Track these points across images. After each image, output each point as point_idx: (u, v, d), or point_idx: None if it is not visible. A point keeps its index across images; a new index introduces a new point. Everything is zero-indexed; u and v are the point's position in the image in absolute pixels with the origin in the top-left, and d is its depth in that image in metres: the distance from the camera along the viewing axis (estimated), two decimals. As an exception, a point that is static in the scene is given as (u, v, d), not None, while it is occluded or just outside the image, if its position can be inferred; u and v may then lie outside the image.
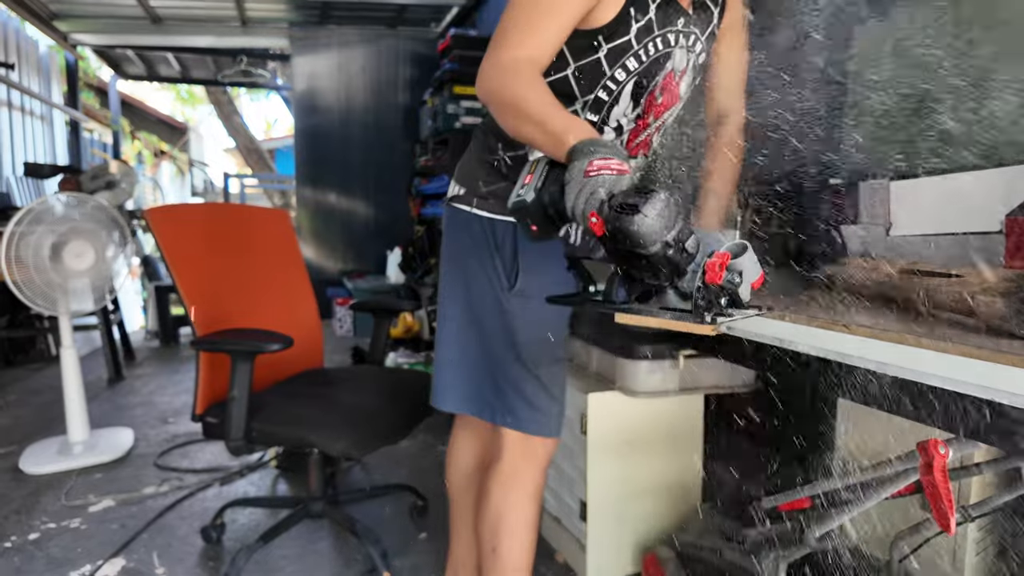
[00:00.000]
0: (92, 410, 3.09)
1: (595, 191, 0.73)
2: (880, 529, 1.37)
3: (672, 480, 1.70)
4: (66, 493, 2.19)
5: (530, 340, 1.12)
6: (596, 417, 1.60)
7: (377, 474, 2.37)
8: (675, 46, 1.04)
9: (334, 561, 1.78)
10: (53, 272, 2.33)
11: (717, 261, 0.70)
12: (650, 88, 1.05)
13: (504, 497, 1.15)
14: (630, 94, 1.04)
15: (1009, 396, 0.57)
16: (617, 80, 1.02)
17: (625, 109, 1.06)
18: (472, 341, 1.18)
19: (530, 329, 1.12)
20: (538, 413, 1.13)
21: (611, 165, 0.75)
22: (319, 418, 1.54)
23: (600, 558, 1.64)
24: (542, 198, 0.81)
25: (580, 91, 1.03)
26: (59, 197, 2.40)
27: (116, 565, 1.75)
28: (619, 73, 1.01)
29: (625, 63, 1.01)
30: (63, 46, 5.11)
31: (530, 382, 1.12)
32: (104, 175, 3.51)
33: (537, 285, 1.10)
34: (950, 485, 0.79)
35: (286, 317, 1.93)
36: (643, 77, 1.03)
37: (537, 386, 1.12)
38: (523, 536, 1.16)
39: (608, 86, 1.02)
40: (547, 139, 0.84)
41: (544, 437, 1.15)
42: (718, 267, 0.70)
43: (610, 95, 1.03)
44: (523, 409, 1.13)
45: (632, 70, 1.01)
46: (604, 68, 1.00)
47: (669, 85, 1.08)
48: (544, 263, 1.11)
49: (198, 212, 1.83)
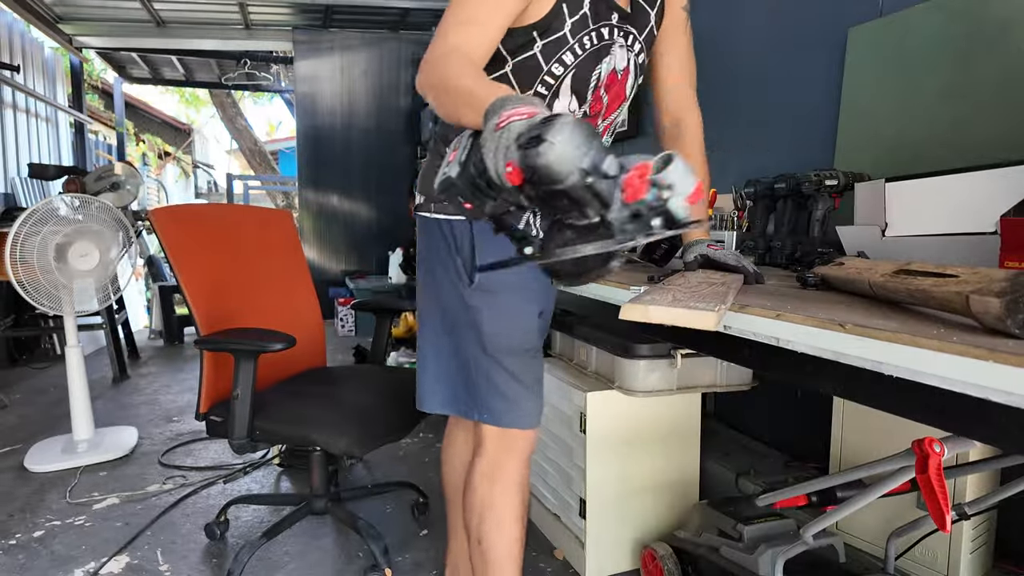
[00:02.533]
0: (97, 409, 3.12)
1: (508, 142, 0.67)
2: (876, 526, 1.38)
3: (670, 477, 1.71)
4: (70, 491, 2.20)
5: (496, 332, 1.12)
6: (595, 416, 1.62)
7: (379, 472, 2.39)
8: (611, 41, 1.05)
9: (337, 557, 1.79)
10: (58, 272, 2.34)
11: (635, 174, 0.64)
12: (593, 85, 1.06)
13: (489, 490, 1.16)
14: (570, 89, 1.05)
15: (1004, 395, 0.59)
16: (554, 75, 1.03)
17: (567, 104, 1.07)
18: (445, 342, 1.19)
19: (495, 321, 1.12)
20: (512, 405, 1.13)
21: (520, 110, 0.70)
22: (321, 417, 1.56)
23: (599, 554, 1.65)
24: (467, 169, 0.74)
25: (519, 87, 1.05)
26: (64, 198, 2.42)
27: (120, 562, 1.77)
28: (556, 68, 1.03)
29: (561, 57, 1.02)
30: (68, 49, 5.14)
31: (500, 374, 1.13)
32: (108, 176, 3.54)
33: (496, 277, 1.11)
34: (946, 483, 0.80)
35: (289, 316, 1.95)
36: (581, 71, 1.04)
37: (508, 378, 1.13)
38: (509, 528, 1.16)
39: (546, 81, 1.04)
40: (476, 114, 0.79)
41: (522, 429, 1.16)
42: (637, 180, 0.64)
43: (549, 90, 1.05)
44: (497, 403, 1.13)
45: (569, 64, 1.03)
46: (541, 63, 1.02)
47: (614, 84, 1.09)
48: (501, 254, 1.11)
49: (202, 212, 1.84)
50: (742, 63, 2.07)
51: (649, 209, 0.65)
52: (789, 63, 1.89)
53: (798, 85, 1.86)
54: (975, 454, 1.17)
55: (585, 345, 1.83)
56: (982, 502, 1.15)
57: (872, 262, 1.01)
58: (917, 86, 1.47)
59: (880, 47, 1.57)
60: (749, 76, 2.05)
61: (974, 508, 1.14)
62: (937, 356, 0.63)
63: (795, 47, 1.87)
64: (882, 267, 0.89)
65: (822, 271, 1.06)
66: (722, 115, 2.13)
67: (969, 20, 1.36)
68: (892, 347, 0.68)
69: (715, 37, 2.18)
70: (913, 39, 1.48)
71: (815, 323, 0.77)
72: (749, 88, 2.05)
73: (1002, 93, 1.30)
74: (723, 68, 2.15)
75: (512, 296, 1.13)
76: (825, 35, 1.75)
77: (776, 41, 1.94)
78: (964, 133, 1.36)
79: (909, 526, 1.19)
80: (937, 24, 1.43)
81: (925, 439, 0.82)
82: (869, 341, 0.70)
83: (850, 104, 1.65)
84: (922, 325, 0.71)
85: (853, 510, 1.03)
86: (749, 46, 2.04)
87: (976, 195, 1.04)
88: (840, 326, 0.74)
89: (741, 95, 2.08)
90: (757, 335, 0.87)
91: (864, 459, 1.39)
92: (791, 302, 0.91)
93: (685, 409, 1.72)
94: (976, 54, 1.35)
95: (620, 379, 1.64)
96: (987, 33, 1.33)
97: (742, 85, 2.08)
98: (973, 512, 1.14)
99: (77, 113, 5.36)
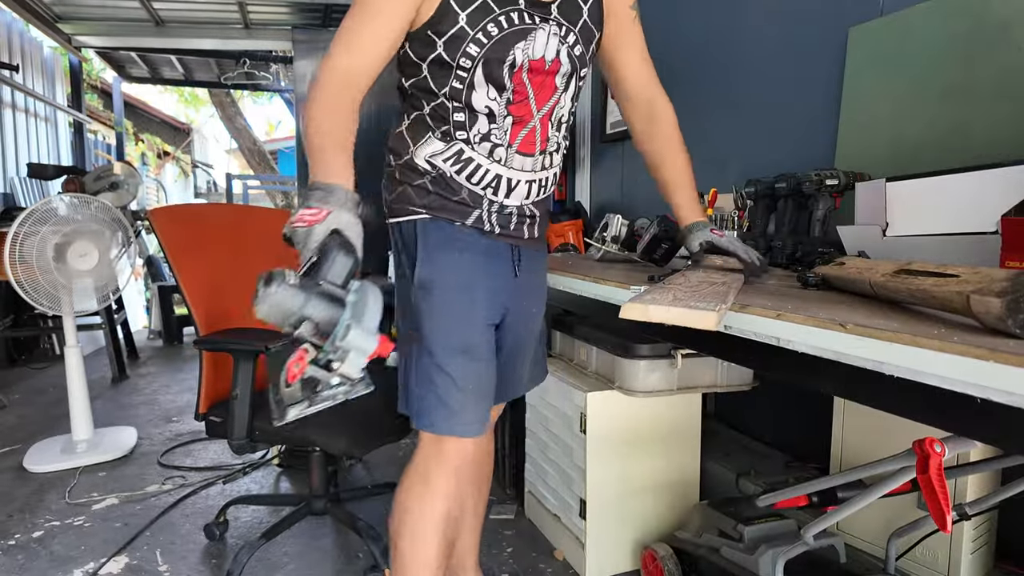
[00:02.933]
0: (96, 409, 3.11)
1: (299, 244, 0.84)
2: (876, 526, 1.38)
3: (670, 478, 1.71)
4: (69, 491, 2.20)
5: (433, 330, 1.09)
6: (595, 416, 1.62)
7: (378, 472, 2.39)
8: (529, 25, 1.03)
9: (336, 558, 1.79)
10: (57, 272, 2.34)
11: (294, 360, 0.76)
12: (508, 72, 1.04)
13: (408, 493, 1.14)
14: (483, 77, 1.03)
15: (1006, 395, 0.58)
16: (464, 67, 1.03)
17: (486, 94, 1.05)
18: (401, 345, 1.16)
19: (434, 320, 1.09)
20: (447, 411, 1.08)
21: (304, 216, 0.84)
22: (322, 417, 1.55)
23: (599, 555, 1.65)
24: None
25: (436, 85, 1.06)
26: (63, 198, 2.42)
27: (120, 562, 1.76)
28: (463, 60, 1.02)
29: (466, 50, 1.02)
30: (67, 48, 5.13)
31: (438, 376, 1.08)
32: (108, 176, 3.53)
33: (437, 274, 1.10)
34: (947, 484, 0.80)
35: (288, 317, 1.95)
36: (491, 58, 1.02)
37: (447, 382, 1.08)
38: (427, 535, 1.12)
39: (458, 75, 1.04)
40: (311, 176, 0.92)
41: (456, 437, 1.11)
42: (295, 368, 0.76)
43: (462, 82, 1.04)
44: (432, 406, 1.09)
45: (475, 55, 1.02)
46: (447, 59, 1.02)
47: (539, 72, 1.07)
48: (443, 251, 1.11)
49: (201, 212, 1.84)
50: (742, 63, 2.07)
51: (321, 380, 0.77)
52: (789, 63, 1.89)
53: (798, 85, 1.86)
54: (976, 454, 1.17)
55: (585, 345, 1.83)
56: (983, 502, 1.15)
57: (873, 262, 1.01)
58: (918, 86, 1.47)
59: (881, 47, 1.57)
60: (749, 76, 2.05)
61: (975, 508, 1.14)
62: (938, 356, 0.63)
63: (795, 47, 1.86)
64: (883, 267, 0.89)
65: (823, 271, 1.06)
66: (722, 115, 2.13)
67: (970, 20, 1.36)
68: (893, 347, 0.68)
69: (715, 37, 2.18)
70: (914, 39, 1.48)
71: (816, 323, 0.77)
72: (749, 88, 2.05)
73: (1003, 92, 1.29)
74: (723, 68, 2.14)
75: (449, 295, 1.10)
76: (825, 35, 1.74)
77: (776, 41, 1.94)
78: (965, 133, 1.36)
79: (910, 526, 1.19)
80: (938, 24, 1.43)
81: (926, 439, 0.82)
82: (870, 341, 0.70)
83: (850, 104, 1.65)
84: (923, 325, 0.71)
85: (854, 510, 1.02)
86: (749, 46, 2.04)
87: (977, 195, 1.04)
88: (841, 326, 0.73)
89: (741, 95, 2.08)
90: (758, 335, 0.87)
91: (864, 459, 1.39)
92: (792, 302, 0.90)
93: (685, 409, 1.72)
94: (977, 54, 1.35)
95: (620, 379, 1.64)
96: (988, 33, 1.33)
97: (742, 85, 2.08)
98: (974, 512, 1.14)
99: (76, 113, 5.35)
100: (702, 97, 2.20)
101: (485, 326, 1.14)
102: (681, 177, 1.25)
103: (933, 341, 0.63)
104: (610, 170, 2.95)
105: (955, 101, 1.38)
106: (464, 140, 1.09)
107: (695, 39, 2.27)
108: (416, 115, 1.11)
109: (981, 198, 1.03)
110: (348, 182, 0.92)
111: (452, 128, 1.08)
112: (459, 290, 1.11)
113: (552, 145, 1.16)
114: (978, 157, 1.28)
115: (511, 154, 1.10)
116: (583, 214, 2.73)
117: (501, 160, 1.10)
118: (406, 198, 1.13)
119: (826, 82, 1.74)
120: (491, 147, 1.09)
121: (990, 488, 1.24)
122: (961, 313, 0.68)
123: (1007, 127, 1.28)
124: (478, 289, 1.13)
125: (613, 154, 2.92)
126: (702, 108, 2.18)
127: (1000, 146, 1.27)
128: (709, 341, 0.97)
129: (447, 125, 1.09)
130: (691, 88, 2.20)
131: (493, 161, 1.10)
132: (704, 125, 2.16)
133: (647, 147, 1.28)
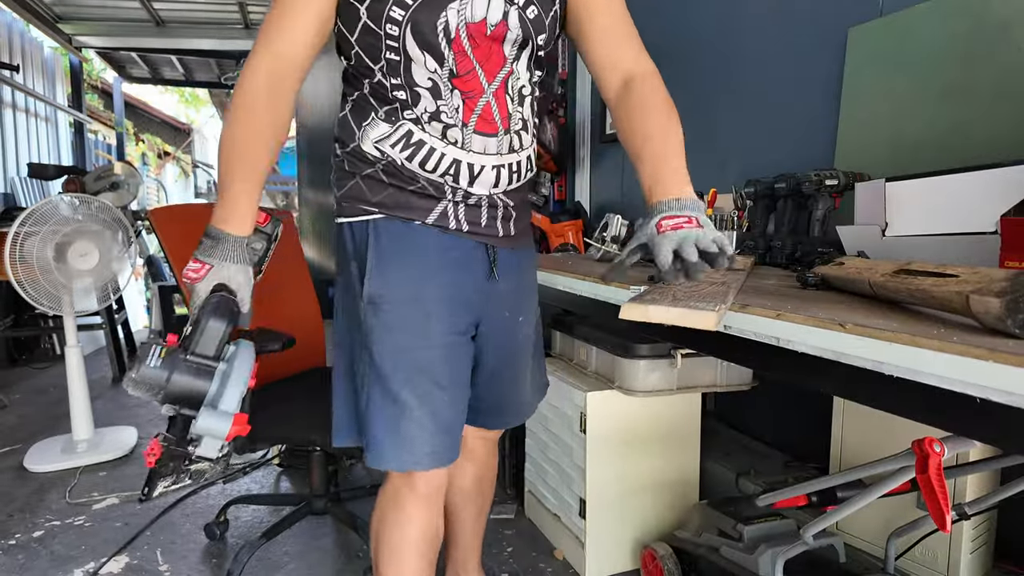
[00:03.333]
0: (96, 408, 3.11)
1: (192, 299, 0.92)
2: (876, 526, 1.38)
3: (670, 477, 1.71)
4: (70, 491, 2.20)
5: (385, 352, 0.97)
6: (595, 416, 1.62)
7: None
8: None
9: (336, 558, 1.79)
10: (57, 272, 2.34)
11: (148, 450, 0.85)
12: (444, 39, 0.92)
13: (382, 522, 1.08)
14: (416, 45, 0.92)
15: (1005, 395, 0.59)
16: (391, 35, 0.92)
17: (426, 65, 0.93)
18: (340, 363, 1.06)
19: (384, 340, 0.97)
20: (401, 442, 0.97)
21: (187, 273, 0.90)
22: (320, 416, 1.55)
23: (599, 554, 1.65)
24: None
25: (371, 60, 0.95)
26: (63, 198, 2.42)
27: (120, 562, 1.76)
28: (389, 27, 0.91)
29: (389, 13, 0.91)
30: (67, 48, 5.14)
31: (390, 405, 0.97)
32: (108, 176, 3.53)
33: (388, 287, 0.98)
34: (946, 483, 0.80)
35: (289, 316, 1.95)
36: (419, 23, 0.91)
37: (400, 410, 0.97)
38: (404, 555, 1.06)
39: (389, 44, 0.93)
40: None
41: (409, 471, 1.01)
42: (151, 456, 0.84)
43: (396, 53, 0.93)
44: (383, 438, 0.98)
45: (400, 18, 0.90)
46: (372, 26, 0.92)
47: (480, 35, 0.93)
48: (398, 257, 0.99)
49: (202, 212, 1.84)
50: (742, 62, 2.07)
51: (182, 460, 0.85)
52: (789, 63, 1.89)
53: (798, 85, 1.86)
54: (975, 454, 1.17)
55: (585, 345, 1.83)
56: (982, 502, 1.15)
57: (872, 262, 1.01)
58: (918, 86, 1.47)
59: (880, 47, 1.57)
60: (749, 75, 2.05)
61: (974, 508, 1.14)
62: (937, 356, 0.63)
63: (795, 47, 1.87)
64: (882, 267, 0.89)
65: (822, 271, 1.06)
66: (722, 114, 2.14)
67: (969, 20, 1.36)
68: (892, 347, 0.68)
69: (715, 37, 2.18)
70: (913, 39, 1.48)
71: (815, 323, 0.77)
72: (749, 88, 2.05)
73: (1003, 92, 1.29)
74: (722, 67, 2.15)
75: (403, 309, 0.98)
76: (825, 35, 1.75)
77: (776, 41, 1.94)
78: (965, 133, 1.36)
79: (909, 526, 1.19)
80: (937, 24, 1.43)
81: (925, 439, 0.82)
82: (869, 341, 0.70)
83: (850, 104, 1.65)
84: (922, 325, 0.71)
85: (853, 510, 1.03)
86: (749, 46, 2.04)
87: (976, 195, 1.04)
88: (840, 326, 0.74)
89: (741, 95, 2.08)
90: (758, 335, 0.87)
91: (864, 459, 1.39)
92: (791, 302, 0.91)
93: (685, 409, 1.72)
94: (977, 54, 1.35)
95: (620, 379, 1.64)
96: (988, 33, 1.33)
97: (742, 85, 2.08)
98: (973, 512, 1.14)
99: (76, 113, 5.36)
100: (701, 97, 2.20)
101: (445, 343, 1.01)
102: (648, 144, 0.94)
103: (932, 341, 0.64)
104: (610, 170, 2.95)
105: (955, 101, 1.39)
106: (413, 120, 0.96)
107: (694, 38, 2.27)
108: (357, 95, 1.01)
109: (981, 198, 1.03)
110: (243, 224, 0.92)
111: (398, 108, 0.97)
112: (413, 303, 0.98)
113: (516, 122, 1.01)
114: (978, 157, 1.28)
115: (468, 135, 0.97)
116: (583, 214, 2.73)
117: (457, 142, 0.97)
118: (358, 194, 1.01)
119: (826, 82, 1.74)
120: (443, 128, 0.96)
121: (989, 488, 1.25)
122: (960, 313, 0.68)
123: (1007, 127, 1.28)
124: (436, 301, 1.00)
125: (613, 154, 2.92)
126: (701, 107, 2.18)
127: (1000, 146, 1.28)
128: (709, 341, 0.97)
129: (389, 104, 0.97)
130: (690, 88, 2.20)
131: (448, 143, 0.97)
132: (704, 124, 2.16)
133: (619, 125, 1.01)
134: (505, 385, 1.19)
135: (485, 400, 1.17)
